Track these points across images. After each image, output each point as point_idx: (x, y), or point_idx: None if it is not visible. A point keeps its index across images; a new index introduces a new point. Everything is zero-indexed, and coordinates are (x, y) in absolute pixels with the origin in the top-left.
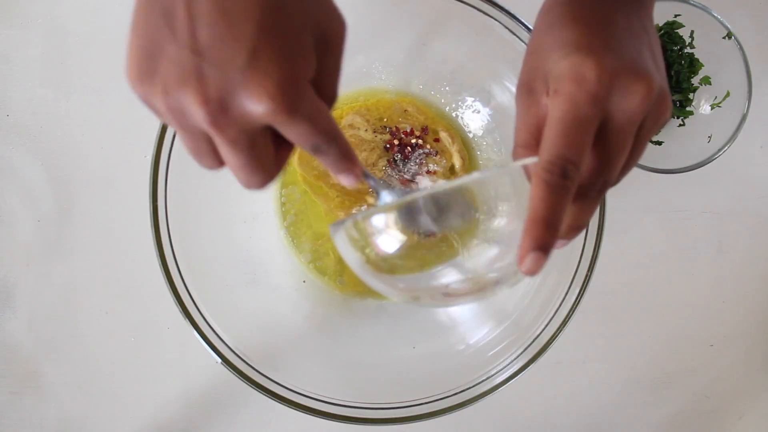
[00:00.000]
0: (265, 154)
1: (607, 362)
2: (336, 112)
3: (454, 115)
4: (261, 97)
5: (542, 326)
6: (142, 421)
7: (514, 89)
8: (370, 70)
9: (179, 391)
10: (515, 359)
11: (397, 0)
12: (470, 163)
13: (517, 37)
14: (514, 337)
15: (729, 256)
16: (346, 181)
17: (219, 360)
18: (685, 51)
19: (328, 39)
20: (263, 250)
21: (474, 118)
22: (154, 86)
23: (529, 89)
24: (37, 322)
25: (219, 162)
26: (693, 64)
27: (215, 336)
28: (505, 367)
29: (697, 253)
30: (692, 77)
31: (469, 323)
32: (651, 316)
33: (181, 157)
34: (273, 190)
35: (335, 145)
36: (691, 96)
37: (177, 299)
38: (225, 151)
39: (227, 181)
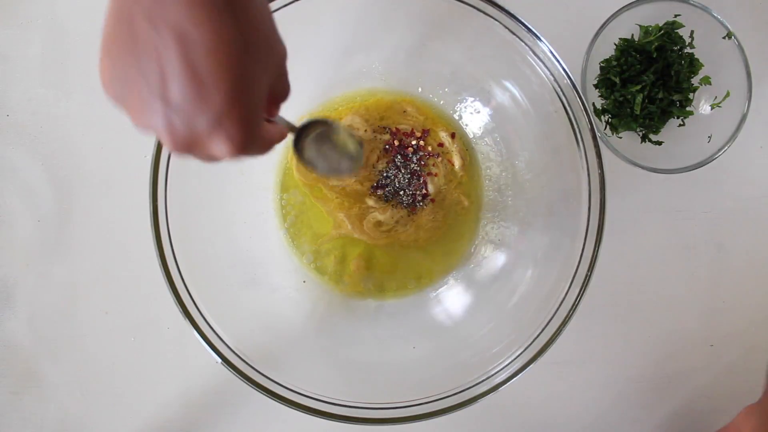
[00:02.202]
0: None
1: (607, 362)
2: (336, 112)
3: (454, 115)
4: (222, 149)
5: (542, 326)
6: (142, 421)
7: (512, 89)
8: (370, 70)
9: (179, 391)
10: (515, 359)
11: (397, 0)
12: (471, 162)
13: (517, 37)
14: (514, 337)
15: (729, 256)
16: None
17: (219, 360)
18: (685, 51)
19: (280, 73)
20: (263, 251)
21: (474, 118)
22: (126, 107)
23: None
24: (37, 322)
25: None
26: (693, 64)
27: (215, 336)
28: (505, 367)
29: (697, 253)
30: (692, 77)
31: (469, 323)
32: (651, 316)
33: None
34: (273, 191)
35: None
36: (691, 96)
37: (177, 299)
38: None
39: (227, 181)
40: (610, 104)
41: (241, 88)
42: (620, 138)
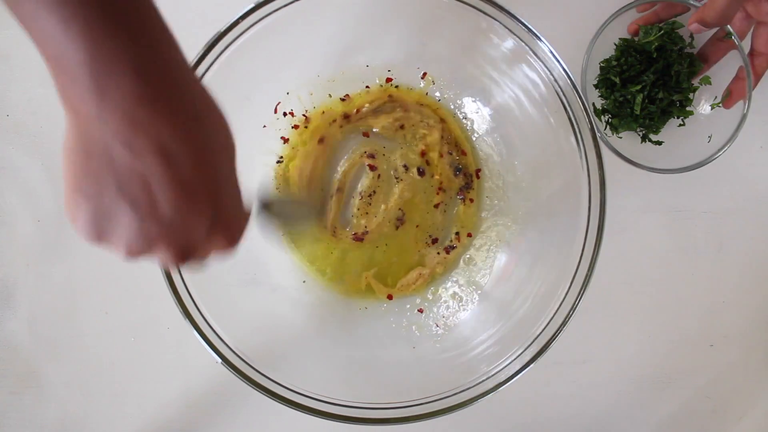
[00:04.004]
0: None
1: (607, 362)
2: (336, 112)
3: (453, 114)
4: (221, 251)
5: (542, 326)
6: (142, 421)
7: (512, 88)
8: (370, 70)
9: (179, 391)
10: (515, 359)
11: (397, 0)
12: (473, 161)
13: (517, 37)
14: (514, 337)
15: (729, 256)
16: None
17: (219, 360)
18: (685, 51)
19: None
20: (263, 250)
21: (474, 118)
22: (112, 243)
23: None
24: (37, 322)
25: None
26: (693, 64)
27: (215, 336)
28: (505, 367)
29: (697, 253)
30: (692, 77)
31: (469, 323)
32: (651, 316)
33: None
34: (273, 191)
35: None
36: (691, 96)
37: (177, 299)
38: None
39: None
40: (610, 104)
41: (225, 181)
42: (620, 138)
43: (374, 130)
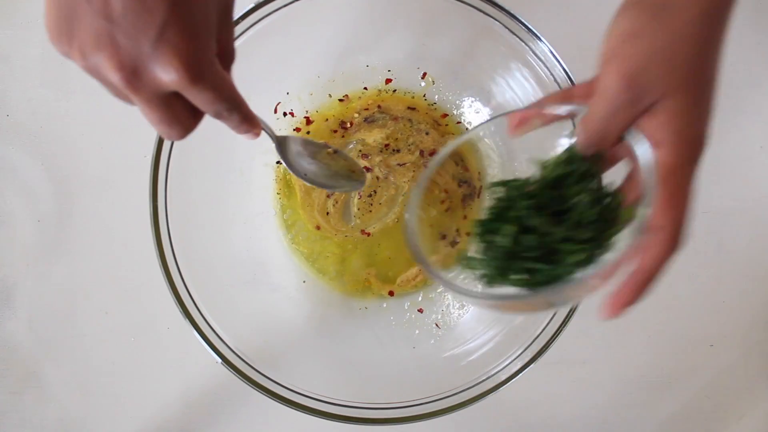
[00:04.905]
0: (181, 112)
1: (607, 362)
2: (335, 112)
3: (454, 114)
4: (170, 69)
5: (542, 326)
6: (142, 421)
7: (512, 88)
8: (370, 70)
9: (179, 391)
10: (515, 359)
11: (397, 0)
12: (473, 163)
13: (517, 37)
14: (514, 337)
15: (729, 256)
16: (246, 138)
17: (219, 360)
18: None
19: (227, 10)
20: (263, 250)
21: (474, 118)
22: (72, 48)
23: (632, 99)
24: (37, 322)
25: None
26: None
27: (215, 336)
28: (505, 367)
29: (697, 253)
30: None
31: (469, 323)
32: (651, 316)
33: (181, 157)
34: (273, 191)
35: (237, 112)
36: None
37: (177, 299)
38: (141, 107)
39: (227, 181)
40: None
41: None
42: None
43: (368, 142)
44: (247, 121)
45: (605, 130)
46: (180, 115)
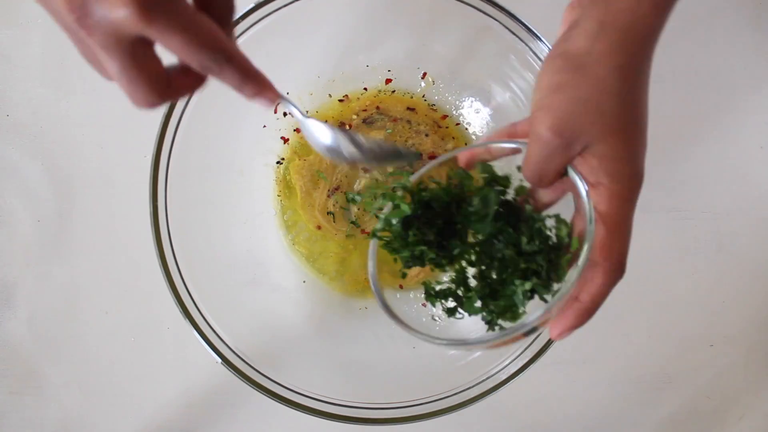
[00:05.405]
0: (148, 68)
1: (607, 362)
2: (335, 111)
3: (454, 115)
4: (117, 2)
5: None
6: (142, 421)
7: (512, 88)
8: (370, 70)
9: (179, 391)
10: (515, 359)
11: (397, 0)
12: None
13: (517, 37)
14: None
15: (729, 256)
16: (260, 105)
17: (219, 360)
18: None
19: None
20: (263, 251)
21: (474, 118)
22: None
23: (564, 145)
24: (37, 322)
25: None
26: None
27: (215, 336)
28: (505, 367)
29: (697, 253)
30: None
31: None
32: (651, 316)
33: (181, 157)
34: (273, 191)
35: (230, 66)
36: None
37: (177, 299)
38: (101, 57)
39: (227, 181)
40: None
41: None
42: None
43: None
44: (250, 79)
45: (542, 171)
46: (147, 73)
